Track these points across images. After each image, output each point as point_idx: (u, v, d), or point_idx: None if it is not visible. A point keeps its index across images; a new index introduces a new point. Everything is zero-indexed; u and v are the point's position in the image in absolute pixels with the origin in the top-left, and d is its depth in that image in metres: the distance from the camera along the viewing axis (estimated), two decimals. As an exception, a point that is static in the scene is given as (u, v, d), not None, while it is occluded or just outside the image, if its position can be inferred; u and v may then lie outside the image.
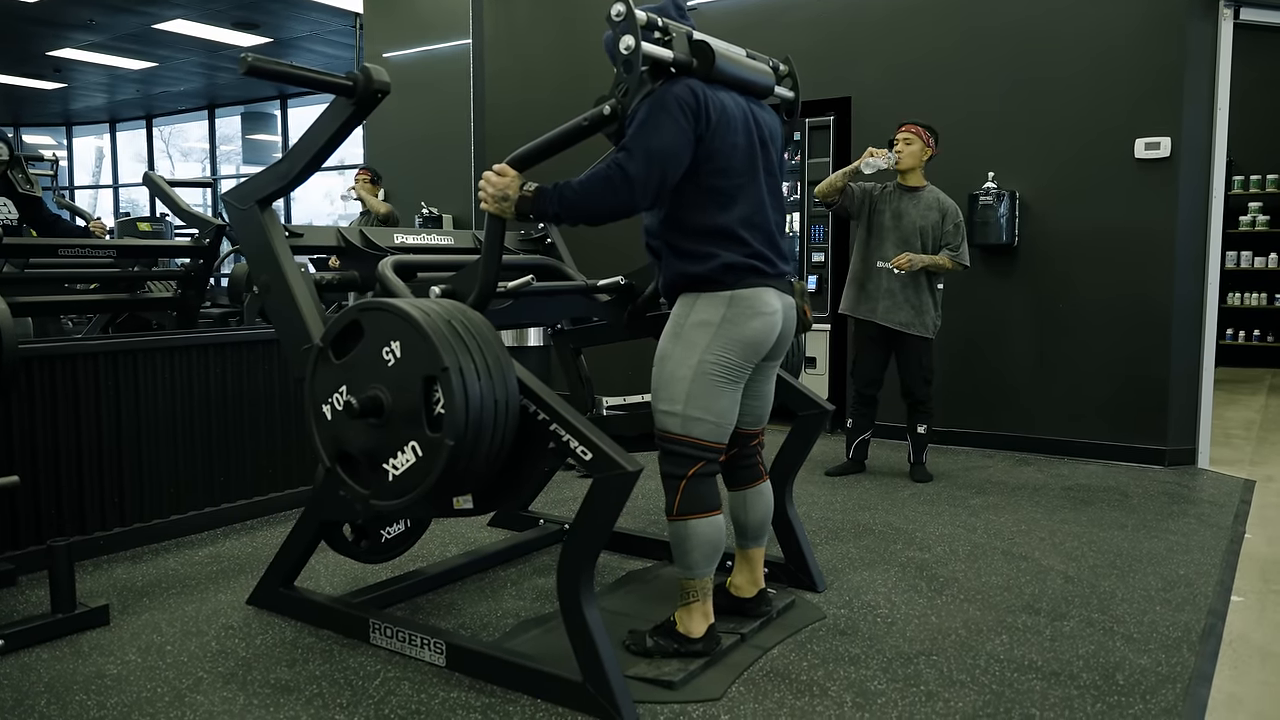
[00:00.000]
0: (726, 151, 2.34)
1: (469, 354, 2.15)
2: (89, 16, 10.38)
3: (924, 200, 4.51)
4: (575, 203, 2.31)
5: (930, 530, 3.76)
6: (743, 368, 2.42)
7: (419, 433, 2.18)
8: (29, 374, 3.23)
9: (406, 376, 2.18)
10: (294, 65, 2.44)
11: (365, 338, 2.26)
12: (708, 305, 2.37)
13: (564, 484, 4.33)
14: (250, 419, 3.92)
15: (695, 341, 2.37)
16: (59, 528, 3.31)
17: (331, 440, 2.35)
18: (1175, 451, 4.87)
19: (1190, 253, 4.84)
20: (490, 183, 2.38)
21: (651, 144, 2.24)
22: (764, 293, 2.42)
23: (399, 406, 2.20)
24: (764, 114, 2.52)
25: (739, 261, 2.37)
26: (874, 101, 5.55)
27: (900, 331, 4.50)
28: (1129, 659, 2.54)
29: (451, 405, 2.09)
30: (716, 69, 2.33)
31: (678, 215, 2.38)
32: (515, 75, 7.07)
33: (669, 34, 2.29)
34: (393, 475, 2.25)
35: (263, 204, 2.70)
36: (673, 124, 2.25)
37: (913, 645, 2.64)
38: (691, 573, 2.43)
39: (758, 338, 2.41)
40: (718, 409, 2.39)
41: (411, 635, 2.54)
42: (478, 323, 2.26)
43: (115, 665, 2.52)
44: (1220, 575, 3.21)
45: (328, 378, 2.35)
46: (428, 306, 2.21)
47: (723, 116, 2.33)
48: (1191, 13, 4.71)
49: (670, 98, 2.26)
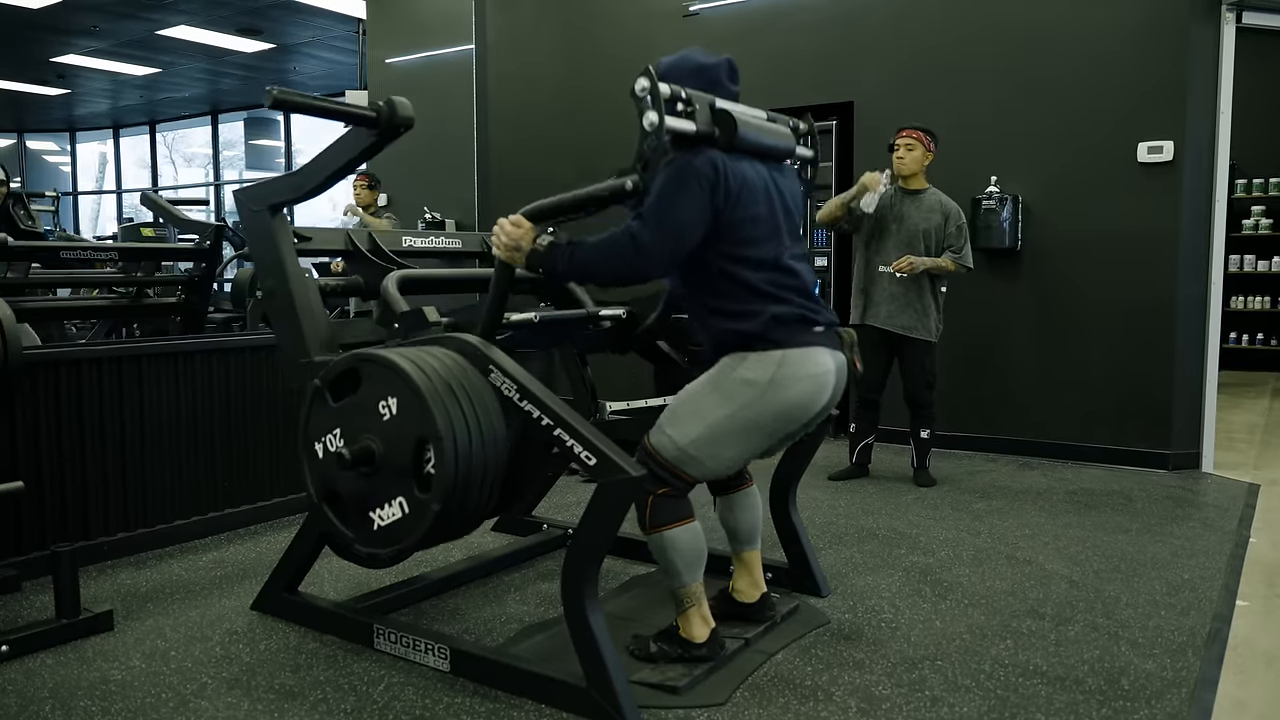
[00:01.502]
0: (749, 221, 2.32)
1: (463, 416, 2.20)
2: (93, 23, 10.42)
3: (926, 203, 4.51)
4: (584, 265, 2.33)
5: (934, 535, 3.75)
6: (777, 433, 2.40)
7: (408, 490, 2.24)
8: (33, 379, 3.23)
9: (400, 434, 2.23)
10: (319, 98, 2.48)
11: (363, 387, 2.31)
12: (758, 364, 2.31)
13: (567, 489, 4.33)
14: (254, 424, 3.93)
15: (734, 396, 2.31)
16: (63, 533, 3.31)
17: (321, 479, 2.40)
18: (1179, 455, 4.86)
19: (1193, 256, 4.84)
20: (505, 231, 2.39)
21: (667, 217, 2.24)
22: (817, 353, 2.36)
23: (390, 461, 2.25)
24: (785, 180, 2.50)
25: (787, 313, 2.33)
26: (876, 106, 5.55)
27: (903, 335, 4.49)
28: (1134, 664, 2.53)
29: (441, 471, 2.16)
30: (738, 139, 2.31)
31: (711, 282, 2.36)
32: (518, 80, 7.08)
33: (692, 104, 2.28)
34: (378, 525, 2.31)
35: (274, 209, 2.70)
36: (690, 198, 2.24)
37: (917, 650, 2.63)
38: (678, 581, 2.43)
39: (805, 401, 2.35)
40: (723, 461, 2.38)
41: (416, 640, 2.54)
42: (473, 378, 2.29)
43: (120, 671, 2.52)
44: (1225, 580, 3.20)
45: (323, 418, 2.39)
46: (425, 363, 2.24)
47: (744, 188, 2.31)
48: (1194, 16, 4.72)
49: (690, 170, 2.26)
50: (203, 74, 13.15)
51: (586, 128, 6.69)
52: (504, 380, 2.31)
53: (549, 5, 7.00)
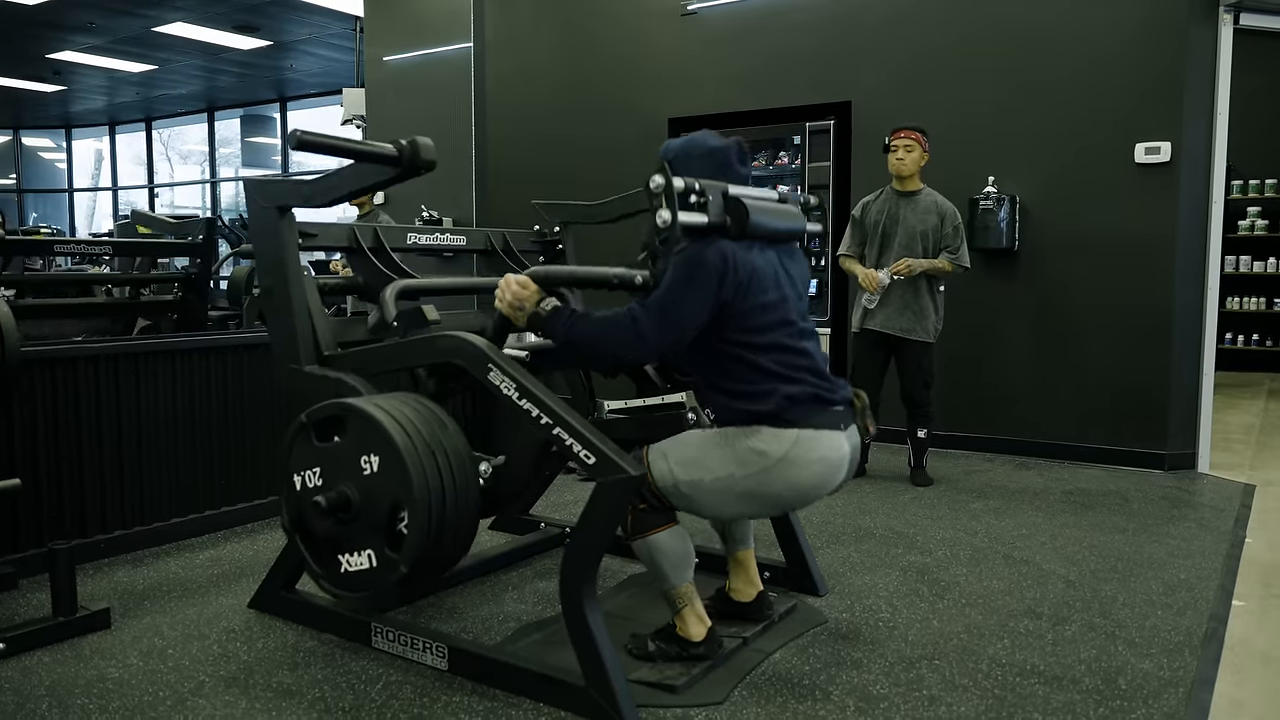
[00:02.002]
0: (758, 310, 2.33)
1: (440, 480, 2.24)
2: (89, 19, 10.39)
3: (922, 204, 4.52)
4: (583, 340, 2.35)
5: (931, 534, 3.76)
6: (779, 507, 2.42)
7: (379, 546, 2.29)
8: (31, 376, 3.22)
9: (378, 492, 2.27)
10: (340, 139, 2.51)
11: (347, 437, 2.33)
12: (772, 438, 2.29)
13: (564, 487, 4.33)
14: (251, 422, 3.92)
15: (744, 462, 2.30)
16: (60, 530, 3.31)
17: (297, 510, 2.42)
18: (1175, 456, 4.87)
19: (1190, 257, 4.85)
20: (510, 289, 2.42)
21: (672, 309, 2.27)
22: (833, 436, 2.33)
23: (365, 512, 2.29)
24: (793, 263, 2.51)
25: (801, 393, 2.32)
26: (874, 105, 5.55)
27: (901, 336, 4.50)
28: (1131, 663, 2.54)
29: (414, 536, 2.21)
30: (750, 227, 2.31)
31: (720, 364, 2.37)
32: (516, 78, 7.07)
33: (705, 195, 2.28)
34: (345, 569, 2.34)
35: (282, 210, 2.69)
36: (696, 291, 2.26)
37: (915, 649, 2.64)
38: (668, 583, 2.44)
39: (816, 482, 2.34)
40: (714, 512, 2.41)
41: (414, 639, 2.54)
42: (454, 436, 2.34)
43: (117, 669, 2.51)
44: (1221, 580, 3.21)
45: (305, 453, 2.41)
46: (410, 424, 2.27)
47: (753, 277, 2.32)
48: (1192, 18, 4.73)
49: (699, 263, 2.27)
50: (199, 71, 13.13)
51: (584, 125, 6.69)
52: (504, 380, 2.31)
53: (547, 3, 7.00)
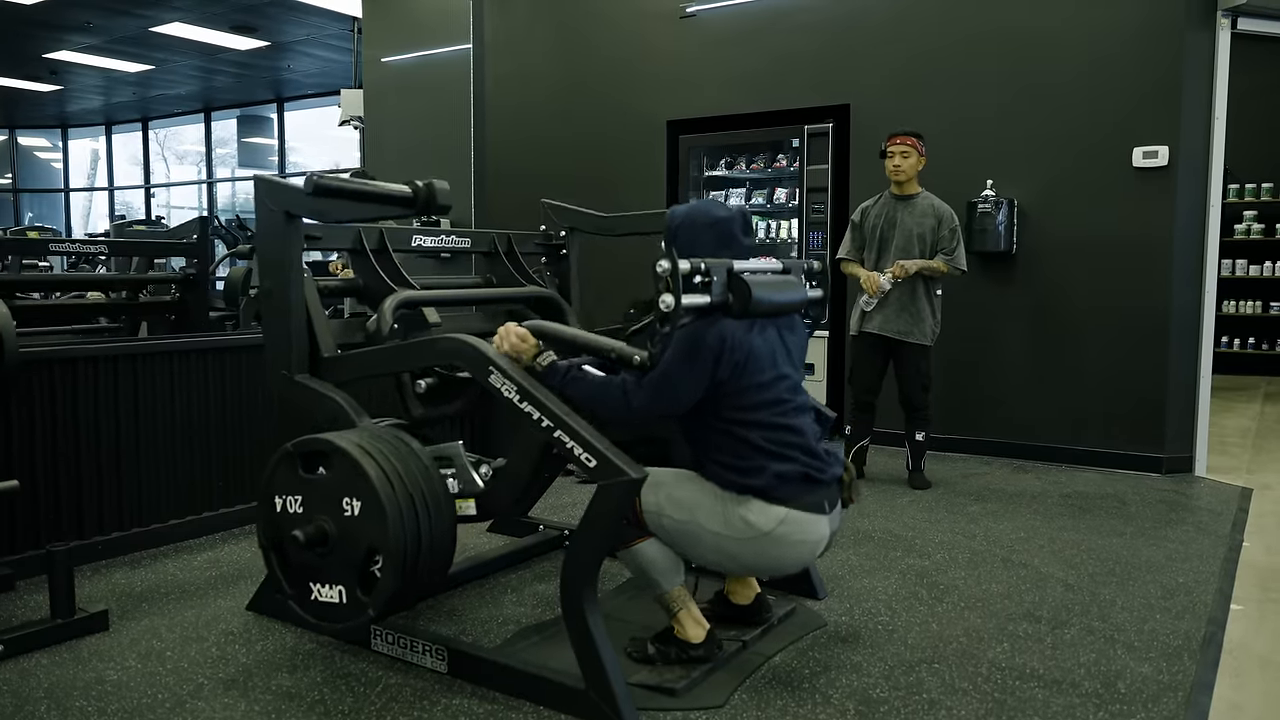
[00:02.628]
0: (752, 390, 2.36)
1: (418, 528, 2.29)
2: (86, 19, 10.37)
3: (919, 207, 4.53)
4: (575, 398, 2.40)
5: (930, 537, 3.76)
6: (752, 570, 2.54)
7: (350, 585, 2.32)
8: (29, 377, 3.21)
9: (356, 534, 2.30)
10: (356, 184, 2.56)
11: (332, 475, 2.36)
12: (761, 512, 2.34)
13: (563, 489, 4.33)
14: (249, 423, 3.91)
15: (730, 525, 2.35)
16: (58, 532, 3.30)
17: (274, 529, 2.45)
18: (1172, 459, 4.88)
19: (1187, 261, 4.86)
20: (508, 341, 2.46)
21: (664, 386, 2.33)
22: (818, 522, 2.39)
23: (340, 548, 2.33)
24: (792, 336, 2.53)
25: (791, 471, 2.36)
26: (873, 108, 5.56)
27: (899, 339, 4.51)
28: (1130, 667, 2.54)
29: (384, 583, 2.26)
30: (752, 305, 2.32)
31: (712, 438, 2.41)
32: (515, 80, 7.07)
33: (709, 275, 2.28)
34: (316, 598, 2.38)
35: (290, 215, 2.69)
36: (692, 372, 2.31)
37: (914, 653, 2.64)
38: (658, 589, 2.45)
39: (793, 560, 2.45)
40: (691, 554, 2.44)
41: (413, 642, 2.53)
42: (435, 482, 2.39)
43: (115, 671, 2.51)
44: (1219, 583, 3.22)
45: (288, 480, 2.44)
46: (392, 470, 2.31)
47: (749, 359, 2.35)
48: (1189, 22, 4.74)
49: (697, 345, 2.31)
50: (196, 71, 13.11)
51: (583, 127, 6.69)
52: (504, 382, 2.31)
53: (546, 5, 7.00)
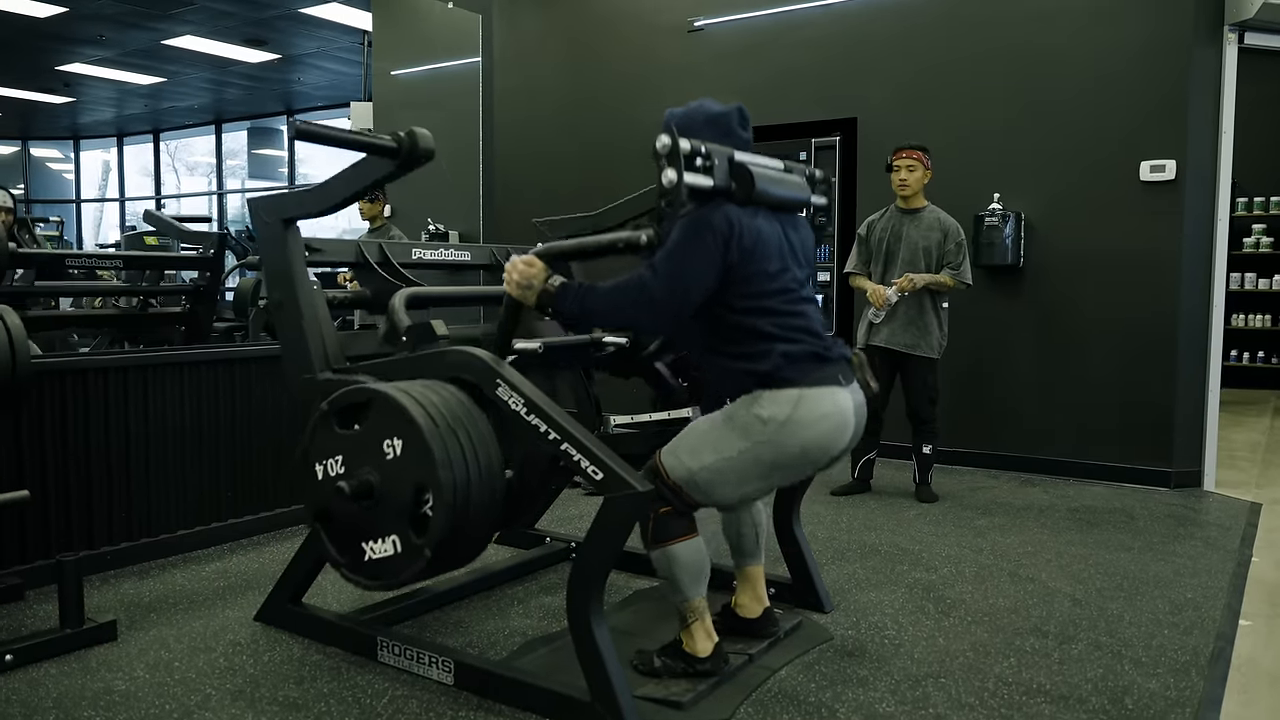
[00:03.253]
0: (760, 277, 2.34)
1: (465, 463, 2.21)
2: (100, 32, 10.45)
3: (925, 221, 4.54)
4: (595, 309, 2.35)
5: (936, 551, 3.76)
6: (791, 474, 2.41)
7: (403, 531, 2.25)
8: (40, 388, 3.24)
9: (401, 476, 2.24)
10: (340, 130, 2.52)
11: (370, 421, 2.31)
12: (771, 403, 2.29)
13: (570, 502, 4.33)
14: (258, 434, 3.93)
15: (750, 432, 2.30)
16: (68, 542, 3.32)
17: (317, 499, 2.41)
18: (1181, 474, 4.87)
19: (1195, 274, 4.86)
20: (517, 269, 2.41)
21: (679, 271, 2.27)
22: (835, 392, 2.34)
23: (388, 498, 2.26)
24: (797, 232, 2.52)
25: (798, 351, 2.33)
26: (879, 122, 5.58)
27: (905, 353, 4.51)
28: (1138, 683, 2.53)
29: (439, 518, 2.17)
30: (756, 193, 2.33)
31: (718, 326, 2.38)
32: (522, 94, 7.11)
33: (711, 159, 2.29)
34: (369, 557, 2.31)
35: (288, 223, 2.72)
36: (703, 253, 2.27)
37: (921, 667, 2.63)
38: (683, 595, 2.43)
39: (823, 443, 2.34)
40: (734, 494, 2.38)
41: (420, 653, 2.54)
42: (480, 427, 2.30)
43: (123, 681, 2.52)
44: (1228, 599, 3.20)
45: (327, 442, 2.39)
46: (433, 406, 2.25)
47: (757, 243, 2.33)
48: (1196, 37, 4.75)
49: (704, 225, 2.28)
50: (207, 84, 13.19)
51: (590, 142, 6.72)
52: (511, 395, 2.32)
53: (554, 20, 7.04)
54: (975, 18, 5.32)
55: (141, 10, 9.49)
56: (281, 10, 9.51)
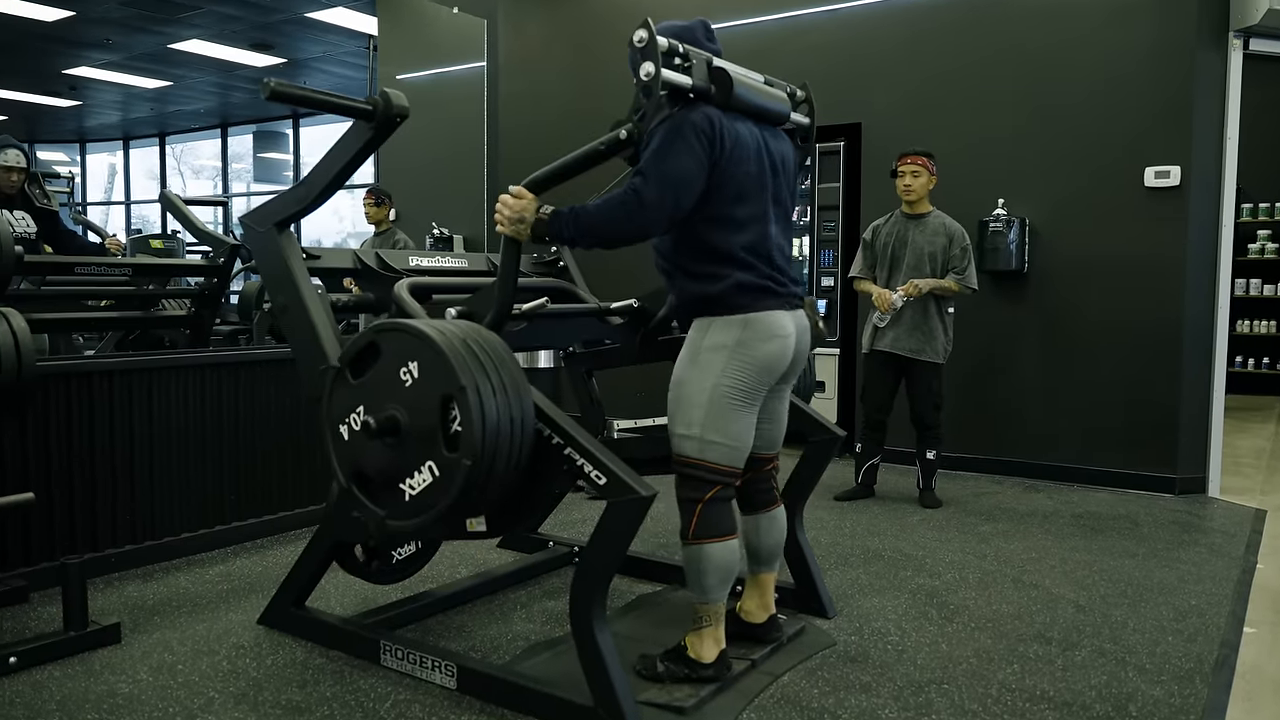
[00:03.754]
0: (739, 179, 2.37)
1: (485, 373, 2.16)
2: (106, 35, 10.49)
3: (930, 226, 4.55)
4: (591, 226, 2.34)
5: (940, 557, 3.75)
6: (757, 391, 2.44)
7: (436, 452, 2.18)
8: (44, 391, 3.25)
9: (424, 396, 2.19)
10: (314, 90, 2.48)
11: (382, 358, 2.28)
12: (722, 329, 2.40)
13: (573, 506, 4.33)
14: (262, 437, 3.94)
15: (711, 365, 2.39)
16: (72, 545, 3.33)
17: (348, 460, 2.36)
18: (1185, 480, 4.86)
19: (1200, 280, 4.85)
20: (507, 205, 2.40)
21: (667, 169, 2.27)
22: (778, 315, 2.45)
23: (416, 426, 2.20)
24: (777, 142, 2.54)
25: (751, 282, 2.40)
26: (884, 128, 5.58)
27: (910, 358, 4.51)
28: (1142, 690, 2.53)
29: (469, 425, 2.10)
30: (734, 96, 2.35)
31: (688, 239, 2.41)
32: (528, 98, 7.12)
33: (689, 60, 2.30)
34: (409, 495, 2.24)
35: (281, 226, 2.72)
36: (688, 150, 2.28)
37: (924, 673, 2.63)
38: (705, 597, 2.43)
39: (772, 360, 2.44)
40: (733, 432, 2.41)
41: (423, 657, 2.54)
42: (493, 342, 2.27)
43: (127, 684, 2.52)
44: (1232, 606, 3.20)
45: (345, 398, 2.35)
46: (444, 327, 2.23)
47: (737, 145, 2.35)
48: (1200, 43, 4.75)
49: (686, 124, 2.29)
50: (213, 87, 13.23)
51: (595, 146, 6.71)
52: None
53: (559, 25, 7.06)
54: (980, 23, 5.32)
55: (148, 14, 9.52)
56: (287, 15, 9.54)
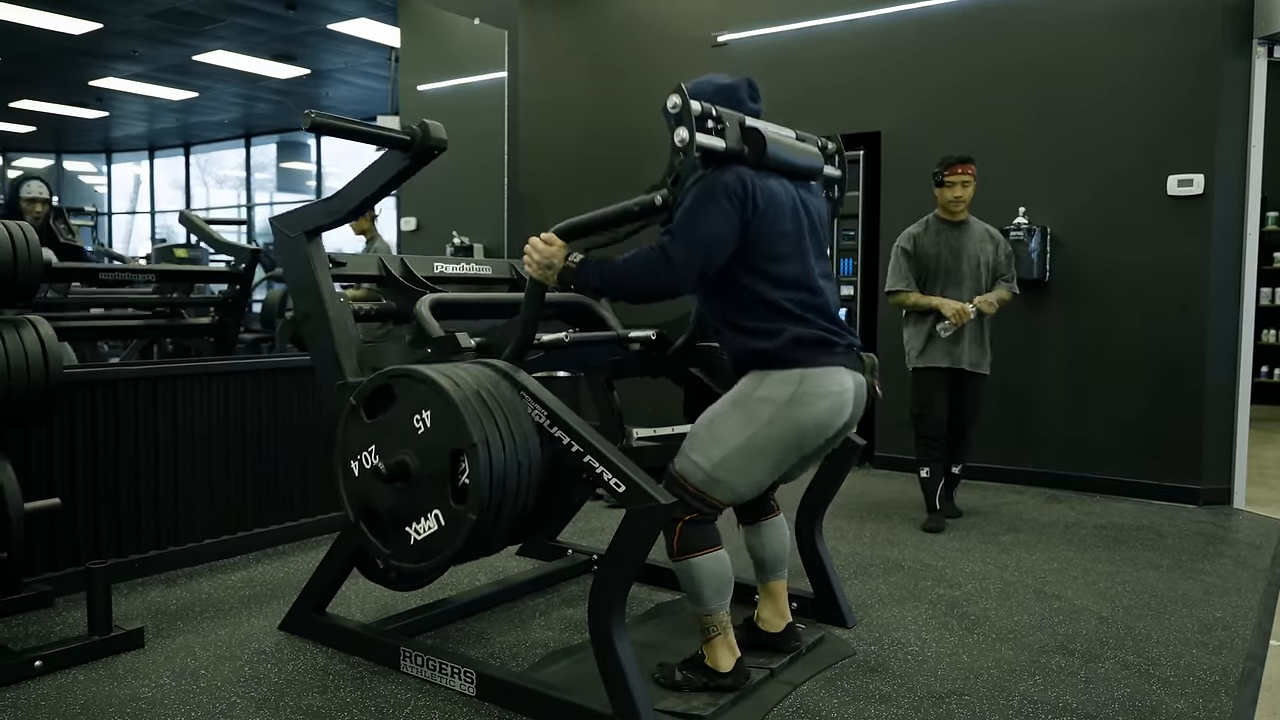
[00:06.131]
0: (775, 237, 2.35)
1: (496, 426, 2.21)
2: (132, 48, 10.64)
3: (975, 233, 4.43)
4: (617, 280, 2.36)
5: (961, 567, 3.73)
6: (796, 451, 2.41)
7: (443, 502, 2.25)
8: (71, 398, 3.29)
9: (435, 446, 2.25)
10: (354, 121, 2.53)
11: (397, 402, 2.33)
12: (778, 383, 2.33)
13: (591, 514, 4.34)
14: (284, 444, 3.97)
15: (756, 414, 2.33)
16: (97, 550, 3.36)
17: (357, 496, 2.42)
18: (1210, 491, 4.80)
19: (1224, 289, 4.81)
20: (536, 249, 2.42)
21: (696, 231, 2.28)
22: (836, 372, 2.37)
23: (425, 474, 2.27)
24: (811, 198, 2.53)
25: (807, 335, 2.35)
26: (904, 136, 5.57)
27: (971, 371, 4.36)
28: (1165, 703, 2.50)
29: (477, 480, 2.17)
30: (767, 156, 2.35)
31: (735, 297, 2.38)
32: (548, 108, 7.17)
33: (722, 122, 2.31)
34: (414, 539, 2.31)
35: (310, 235, 2.75)
36: (719, 212, 2.28)
37: (944, 684, 2.61)
38: (705, 608, 2.43)
39: (824, 419, 2.37)
40: (749, 482, 2.40)
41: (442, 664, 2.55)
42: (505, 391, 2.31)
43: (150, 688, 2.55)
44: (1258, 619, 3.16)
45: (358, 435, 2.41)
46: (459, 376, 2.27)
47: (770, 204, 2.34)
48: (1225, 51, 4.71)
49: (719, 185, 2.29)
50: (237, 98, 13.38)
51: (615, 158, 6.75)
52: (534, 406, 2.33)
53: (579, 36, 7.10)
54: (998, 32, 5.31)
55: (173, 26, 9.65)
56: (311, 26, 9.65)
